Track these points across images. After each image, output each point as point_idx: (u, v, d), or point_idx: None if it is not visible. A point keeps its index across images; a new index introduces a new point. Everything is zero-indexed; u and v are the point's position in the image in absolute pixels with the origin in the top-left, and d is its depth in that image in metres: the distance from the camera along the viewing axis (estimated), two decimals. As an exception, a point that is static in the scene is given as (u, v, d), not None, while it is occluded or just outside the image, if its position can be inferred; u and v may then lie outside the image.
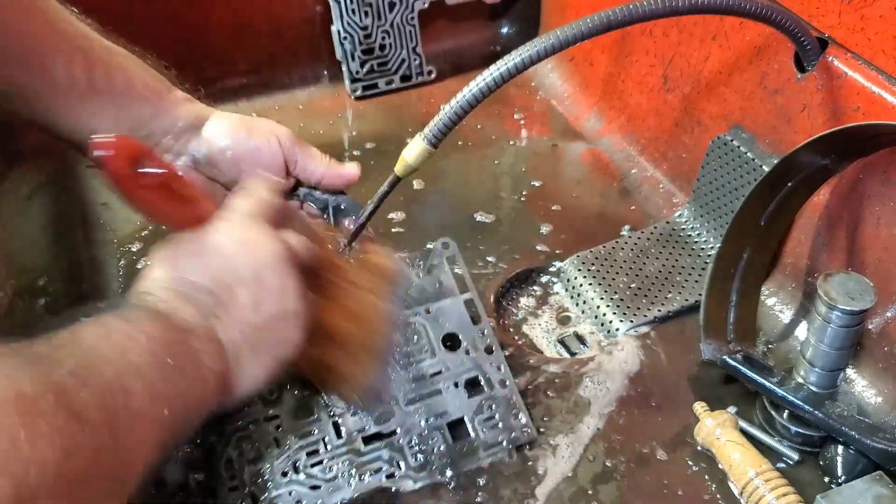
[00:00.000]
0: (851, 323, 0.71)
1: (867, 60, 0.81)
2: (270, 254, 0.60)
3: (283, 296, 0.60)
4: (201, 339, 0.55)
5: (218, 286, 0.58)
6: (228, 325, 0.57)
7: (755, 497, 0.71)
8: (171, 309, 0.55)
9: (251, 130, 0.74)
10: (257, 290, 0.59)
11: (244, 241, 0.60)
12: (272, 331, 0.60)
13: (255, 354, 0.59)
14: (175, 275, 0.58)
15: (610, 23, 0.70)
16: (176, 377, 0.52)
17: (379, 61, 1.27)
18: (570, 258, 0.98)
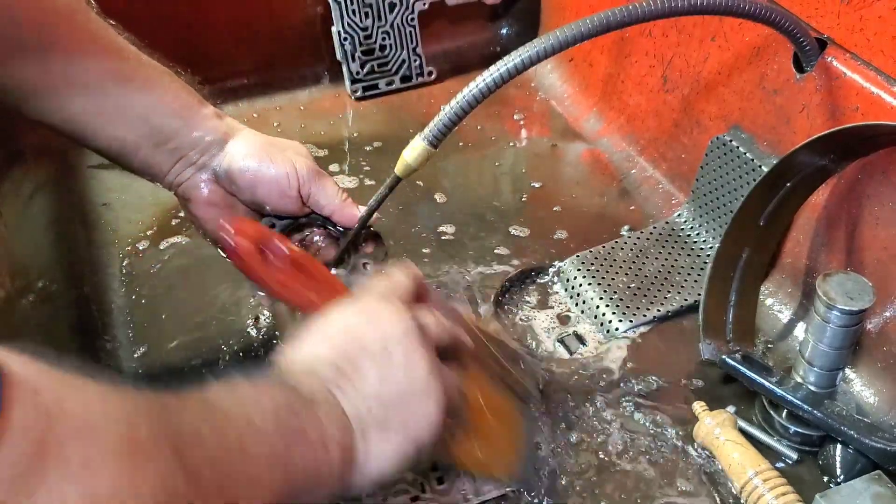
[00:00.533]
0: (850, 323, 0.71)
1: (866, 61, 0.81)
2: (399, 327, 0.58)
3: (412, 370, 0.57)
4: (325, 408, 0.54)
5: (342, 359, 0.56)
6: (353, 398, 0.56)
7: (754, 496, 0.71)
8: (295, 381, 0.54)
9: (272, 156, 0.74)
10: (384, 364, 0.57)
11: (371, 314, 0.59)
12: (403, 406, 0.57)
13: (384, 431, 0.56)
14: (304, 351, 0.57)
15: (609, 23, 0.70)
16: (298, 444, 0.51)
17: (379, 62, 1.28)
18: (570, 258, 0.98)
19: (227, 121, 0.76)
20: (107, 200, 1.07)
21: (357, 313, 0.59)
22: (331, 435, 0.53)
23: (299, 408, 0.52)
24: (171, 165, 0.73)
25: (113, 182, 1.09)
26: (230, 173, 0.74)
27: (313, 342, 0.58)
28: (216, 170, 0.74)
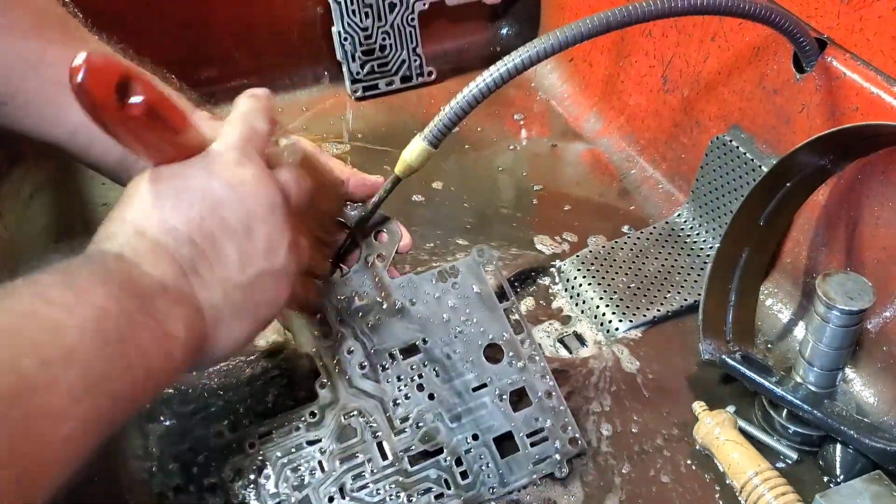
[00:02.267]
0: (850, 323, 0.71)
1: (866, 61, 0.81)
2: (264, 202, 0.52)
3: (273, 252, 0.52)
4: (171, 301, 0.47)
5: (202, 236, 0.49)
6: (211, 285, 0.50)
7: (754, 496, 0.71)
8: (139, 259, 0.47)
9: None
10: (247, 245, 0.51)
11: (236, 183, 0.51)
12: (258, 291, 0.52)
13: (237, 317, 0.52)
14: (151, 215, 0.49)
15: (609, 24, 0.70)
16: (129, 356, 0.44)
17: (379, 62, 1.28)
18: (570, 258, 0.98)
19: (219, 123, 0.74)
20: (107, 200, 1.07)
21: (217, 177, 0.51)
22: (175, 335, 0.47)
23: (134, 310, 0.45)
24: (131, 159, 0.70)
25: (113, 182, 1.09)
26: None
27: (163, 206, 0.49)
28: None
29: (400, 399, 0.73)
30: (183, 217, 0.49)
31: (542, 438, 0.74)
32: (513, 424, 0.74)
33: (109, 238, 0.49)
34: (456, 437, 0.72)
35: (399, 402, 0.73)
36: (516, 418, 0.74)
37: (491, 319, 0.76)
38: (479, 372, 0.75)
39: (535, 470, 0.73)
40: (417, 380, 0.73)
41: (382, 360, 0.74)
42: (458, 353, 0.75)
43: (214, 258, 0.50)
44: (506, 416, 0.74)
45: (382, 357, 0.74)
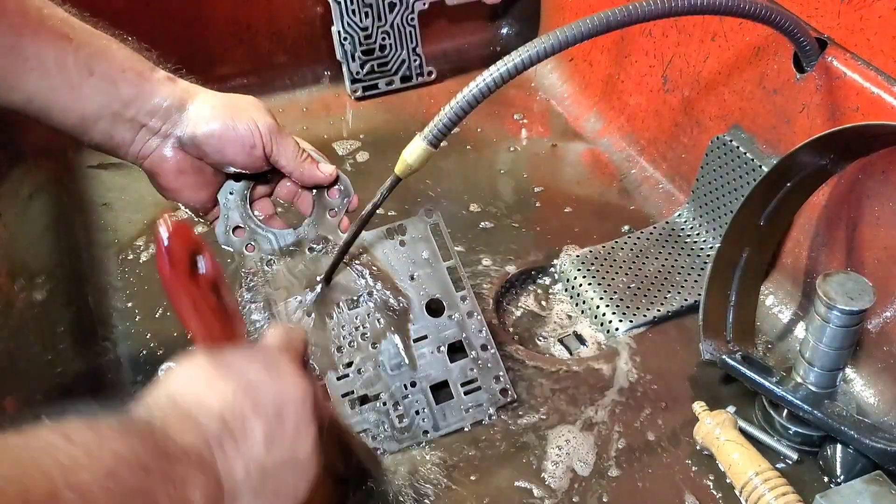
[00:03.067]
0: (850, 323, 0.71)
1: (866, 61, 0.81)
2: (299, 391, 0.53)
3: (300, 441, 0.53)
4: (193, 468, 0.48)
5: (233, 414, 0.51)
6: (233, 461, 0.50)
7: (754, 496, 0.71)
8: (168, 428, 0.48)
9: (235, 115, 0.74)
10: (275, 428, 0.52)
11: (273, 371, 0.54)
12: (280, 476, 0.52)
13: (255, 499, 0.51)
14: (189, 391, 0.51)
15: (609, 23, 0.70)
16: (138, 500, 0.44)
17: (379, 62, 1.28)
18: (570, 258, 0.98)
19: (182, 84, 0.75)
20: (107, 200, 1.07)
21: (258, 365, 0.53)
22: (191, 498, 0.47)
23: (151, 464, 0.45)
24: (132, 136, 0.72)
25: (113, 182, 1.09)
26: (196, 139, 0.73)
27: (203, 383, 0.51)
28: (181, 137, 0.73)
29: (344, 346, 0.78)
30: (218, 395, 0.51)
31: (475, 388, 0.80)
32: (449, 374, 0.80)
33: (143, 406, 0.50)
34: (395, 383, 0.78)
35: (343, 349, 0.78)
36: (452, 368, 0.80)
37: (434, 276, 0.82)
38: (421, 324, 0.80)
39: (467, 416, 0.79)
40: (361, 329, 0.79)
41: (329, 310, 0.79)
42: (402, 306, 0.80)
43: (241, 436, 0.51)
44: (443, 366, 0.80)
45: (329, 307, 0.79)
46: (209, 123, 0.73)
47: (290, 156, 0.77)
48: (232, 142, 0.74)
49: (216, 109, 0.74)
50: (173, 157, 0.74)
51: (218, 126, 0.73)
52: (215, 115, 0.73)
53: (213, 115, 0.73)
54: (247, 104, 0.76)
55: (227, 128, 0.73)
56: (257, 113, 0.75)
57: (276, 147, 0.75)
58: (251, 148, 0.74)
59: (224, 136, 0.73)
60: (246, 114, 0.74)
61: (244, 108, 0.75)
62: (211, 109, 0.74)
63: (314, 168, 0.79)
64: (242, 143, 0.74)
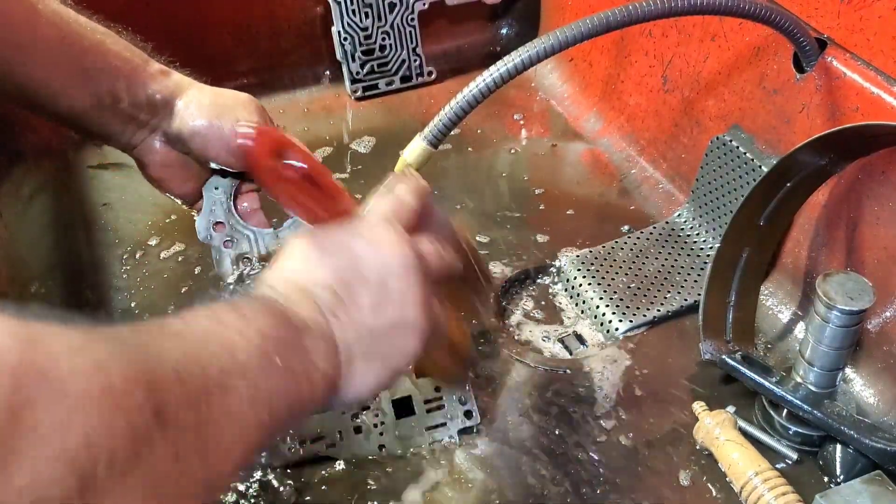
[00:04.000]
0: (850, 323, 0.71)
1: (866, 61, 0.81)
2: (399, 259, 0.57)
3: (404, 304, 0.57)
4: (315, 337, 0.53)
5: (340, 284, 0.56)
6: (345, 325, 0.55)
7: (754, 496, 0.71)
8: (290, 303, 0.53)
9: (221, 114, 0.74)
10: (380, 294, 0.56)
11: (374, 242, 0.57)
12: (389, 338, 0.57)
13: (368, 360, 0.57)
14: (301, 268, 0.56)
15: (609, 24, 0.70)
16: (284, 378, 0.50)
17: (379, 62, 1.28)
18: (570, 258, 0.98)
19: (174, 77, 0.75)
20: (107, 200, 1.07)
21: (359, 238, 0.57)
22: (317, 366, 0.53)
23: (288, 339, 0.51)
24: (123, 128, 0.73)
25: (113, 182, 1.09)
26: (181, 135, 0.74)
27: (311, 260, 0.57)
28: (167, 132, 0.74)
29: None
30: (326, 269, 0.56)
31: (438, 406, 0.79)
32: (413, 390, 0.78)
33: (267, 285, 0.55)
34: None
35: None
36: (418, 385, 0.79)
37: None
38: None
39: (429, 436, 0.78)
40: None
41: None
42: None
43: (350, 304, 0.56)
44: (408, 381, 0.78)
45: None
46: (194, 121, 0.74)
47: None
48: (215, 141, 0.74)
49: (203, 107, 0.74)
50: (160, 150, 0.75)
51: (203, 124, 0.74)
52: (202, 112, 0.74)
53: (199, 113, 0.74)
54: (235, 102, 0.76)
55: (211, 126, 0.74)
56: (245, 113, 0.75)
57: None
58: (234, 148, 0.74)
59: (208, 134, 0.74)
60: (233, 113, 0.75)
61: (232, 107, 0.75)
62: (198, 107, 0.74)
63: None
64: (226, 144, 0.74)
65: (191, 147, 0.75)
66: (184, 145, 0.75)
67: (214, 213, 0.79)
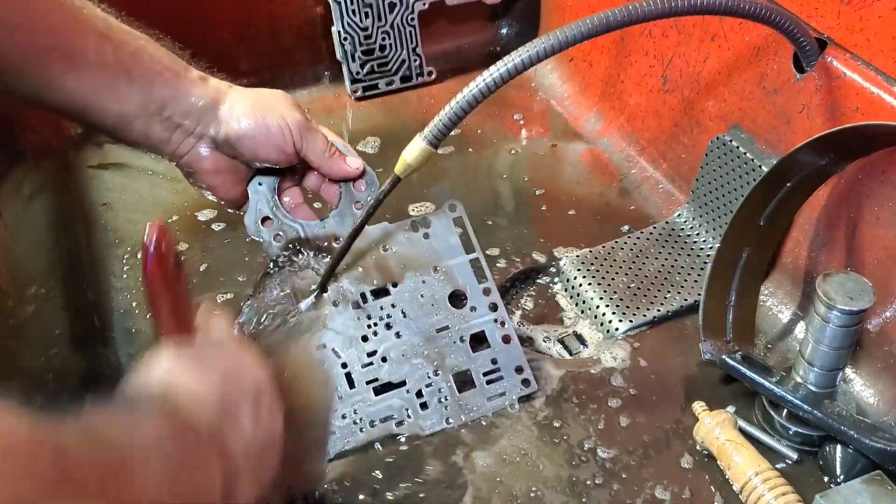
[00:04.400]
0: (850, 323, 0.71)
1: (866, 61, 0.81)
2: (264, 375, 0.59)
3: (273, 419, 0.59)
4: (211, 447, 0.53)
5: (225, 402, 0.56)
6: (232, 442, 0.55)
7: (754, 496, 0.71)
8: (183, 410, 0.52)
9: (266, 114, 0.75)
10: (257, 411, 0.57)
11: (243, 362, 0.59)
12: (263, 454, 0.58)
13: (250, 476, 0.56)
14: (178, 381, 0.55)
15: (609, 24, 0.70)
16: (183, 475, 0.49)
17: (379, 62, 1.28)
18: (570, 258, 0.98)
19: (213, 82, 0.76)
20: (107, 200, 1.07)
21: (228, 355, 0.59)
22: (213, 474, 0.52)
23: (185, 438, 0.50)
24: (169, 136, 0.73)
25: (113, 182, 1.09)
26: (229, 139, 0.74)
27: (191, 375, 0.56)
28: (214, 138, 0.75)
29: (369, 336, 0.80)
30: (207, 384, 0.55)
31: (497, 377, 0.82)
32: (471, 363, 0.81)
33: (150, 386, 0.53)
34: (418, 372, 0.80)
35: (368, 339, 0.80)
36: (475, 358, 0.82)
37: (457, 268, 0.84)
38: (444, 315, 0.82)
39: (490, 405, 0.81)
40: (386, 319, 0.81)
41: (355, 300, 0.81)
42: (425, 297, 0.82)
43: (234, 420, 0.56)
44: (465, 355, 0.81)
45: (353, 297, 0.81)
46: (241, 123, 0.74)
47: (319, 151, 0.78)
48: (264, 141, 0.75)
49: (247, 109, 0.75)
50: (209, 157, 0.75)
51: (250, 126, 0.74)
52: (246, 114, 0.74)
53: (244, 115, 0.74)
54: (276, 100, 0.77)
55: (258, 127, 0.74)
56: (286, 109, 0.76)
57: (305, 143, 0.77)
58: (282, 146, 0.76)
59: (256, 136, 0.75)
60: (276, 111, 0.76)
61: (273, 106, 0.76)
62: (242, 109, 0.74)
63: (342, 162, 0.80)
64: (274, 142, 0.75)
65: (239, 150, 0.75)
66: (232, 149, 0.75)
67: (261, 210, 0.80)
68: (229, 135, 0.74)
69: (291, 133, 0.76)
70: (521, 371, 0.82)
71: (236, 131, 0.74)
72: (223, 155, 0.76)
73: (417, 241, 0.84)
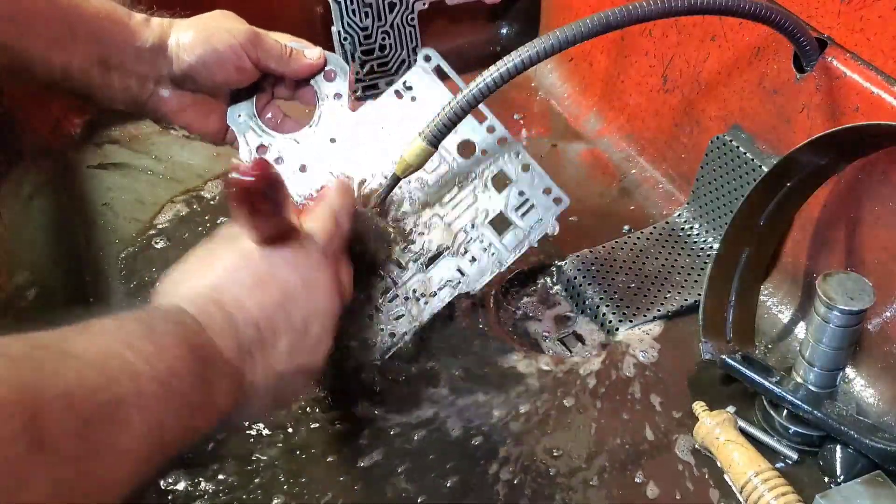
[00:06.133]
0: (850, 323, 0.71)
1: (866, 61, 0.81)
2: (327, 307, 0.59)
3: (315, 352, 0.59)
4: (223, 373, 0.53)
5: (266, 323, 0.56)
6: (257, 366, 0.56)
7: (754, 497, 0.71)
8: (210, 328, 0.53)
9: (213, 39, 0.75)
10: (299, 342, 0.57)
11: (308, 284, 0.58)
12: (290, 382, 0.58)
13: (266, 397, 0.57)
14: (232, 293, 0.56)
15: (609, 23, 0.70)
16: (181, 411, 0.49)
17: (379, 62, 1.28)
18: (570, 258, 0.98)
19: (155, 22, 0.76)
20: (107, 200, 1.07)
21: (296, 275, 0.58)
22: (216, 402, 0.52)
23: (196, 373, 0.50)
24: (125, 84, 0.74)
25: (113, 182, 1.09)
26: (184, 73, 0.74)
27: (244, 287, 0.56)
28: (171, 77, 0.75)
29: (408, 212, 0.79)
30: (256, 302, 0.56)
31: (529, 207, 0.80)
32: (501, 205, 0.80)
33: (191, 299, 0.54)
34: (455, 230, 0.80)
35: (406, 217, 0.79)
36: (503, 198, 0.80)
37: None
38: (457, 171, 0.80)
39: (531, 237, 0.80)
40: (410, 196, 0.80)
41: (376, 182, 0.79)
42: (434, 162, 0.79)
43: (270, 345, 0.56)
44: (493, 199, 0.80)
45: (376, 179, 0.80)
46: (190, 55, 0.74)
47: (276, 56, 0.78)
48: (218, 65, 0.75)
49: (193, 39, 0.74)
50: (172, 97, 0.75)
51: (199, 54, 0.74)
52: (193, 44, 0.74)
53: (191, 46, 0.74)
54: (219, 21, 0.77)
55: (208, 53, 0.74)
56: (232, 25, 0.76)
57: (259, 53, 0.76)
58: (238, 63, 0.75)
59: (208, 62, 0.74)
60: (221, 32, 0.75)
61: (218, 27, 0.76)
62: (188, 40, 0.74)
63: (301, 59, 0.79)
64: (229, 63, 0.75)
65: (198, 81, 0.75)
66: (192, 82, 0.75)
67: (250, 140, 0.79)
68: (182, 69, 0.74)
69: (242, 48, 0.75)
70: (550, 192, 0.81)
71: (188, 63, 0.74)
72: (185, 91, 0.76)
73: (407, 105, 0.82)
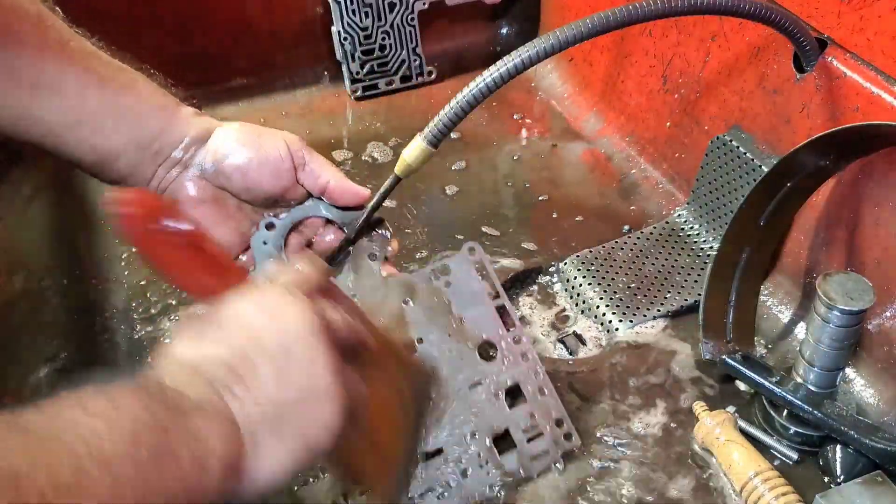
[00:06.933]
0: (850, 323, 0.71)
1: (866, 61, 0.81)
2: (301, 323, 0.53)
3: (312, 371, 0.53)
4: (208, 418, 0.49)
5: (237, 358, 0.51)
6: (246, 402, 0.51)
7: (754, 496, 0.71)
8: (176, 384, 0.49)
9: (261, 138, 0.71)
10: (283, 364, 0.52)
11: (273, 309, 0.53)
12: (301, 411, 0.52)
13: (279, 437, 0.52)
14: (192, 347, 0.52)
15: (609, 23, 0.70)
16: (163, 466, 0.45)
17: (379, 62, 1.28)
18: (570, 258, 0.98)
19: (206, 119, 0.73)
20: (107, 200, 1.07)
21: (256, 305, 0.53)
22: (211, 449, 0.48)
23: (169, 423, 0.46)
24: (154, 169, 0.70)
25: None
26: (217, 163, 0.70)
27: (203, 337, 0.52)
28: (202, 165, 0.70)
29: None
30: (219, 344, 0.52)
31: (537, 434, 0.75)
32: (509, 421, 0.74)
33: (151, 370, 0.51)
34: (454, 436, 0.73)
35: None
36: (512, 415, 0.75)
37: (484, 316, 0.77)
38: (474, 369, 0.75)
39: (534, 466, 0.74)
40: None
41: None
42: (454, 352, 0.75)
43: (250, 378, 0.51)
44: (502, 413, 0.74)
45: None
46: (232, 145, 0.70)
47: (327, 167, 0.73)
48: (255, 164, 0.70)
49: (237, 134, 0.71)
50: (193, 186, 0.71)
51: (240, 147, 0.70)
52: (240, 138, 0.71)
53: (232, 139, 0.70)
54: (275, 131, 0.73)
55: (249, 149, 0.70)
56: (285, 133, 0.72)
57: (308, 158, 0.72)
58: (278, 166, 0.71)
59: (248, 157, 0.70)
60: (270, 135, 0.72)
61: (268, 132, 0.72)
62: (232, 134, 0.71)
63: (352, 184, 0.74)
64: (269, 164, 0.71)
65: (228, 174, 0.70)
66: (220, 174, 0.70)
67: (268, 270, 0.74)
68: (218, 157, 0.70)
69: (291, 153, 0.71)
70: (562, 424, 0.76)
71: (225, 152, 0.70)
72: (208, 184, 0.71)
73: (439, 290, 0.78)
